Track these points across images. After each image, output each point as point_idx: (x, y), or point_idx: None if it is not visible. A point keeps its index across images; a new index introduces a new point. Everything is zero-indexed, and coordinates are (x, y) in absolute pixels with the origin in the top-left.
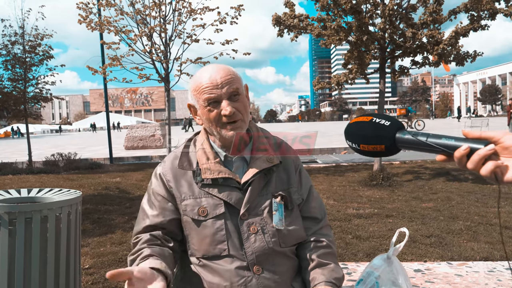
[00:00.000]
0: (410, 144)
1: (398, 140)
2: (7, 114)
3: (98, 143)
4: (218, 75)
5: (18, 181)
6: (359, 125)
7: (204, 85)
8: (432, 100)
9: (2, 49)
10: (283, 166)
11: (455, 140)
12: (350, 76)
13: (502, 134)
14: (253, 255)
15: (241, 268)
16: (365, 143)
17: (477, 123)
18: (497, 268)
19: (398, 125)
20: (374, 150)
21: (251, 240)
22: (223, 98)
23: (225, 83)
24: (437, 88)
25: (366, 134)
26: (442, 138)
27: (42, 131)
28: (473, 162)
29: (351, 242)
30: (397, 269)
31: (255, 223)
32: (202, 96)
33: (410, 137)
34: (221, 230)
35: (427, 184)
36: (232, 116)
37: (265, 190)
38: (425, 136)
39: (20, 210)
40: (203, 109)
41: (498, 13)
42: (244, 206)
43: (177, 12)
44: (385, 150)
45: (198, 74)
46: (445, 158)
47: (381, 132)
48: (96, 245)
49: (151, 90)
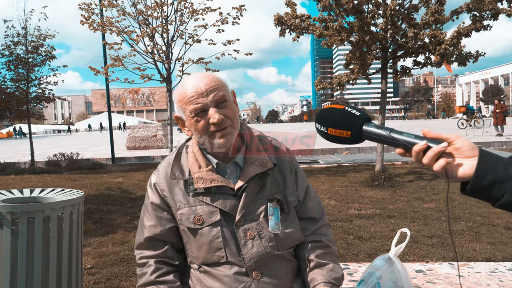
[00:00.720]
0: (374, 135)
1: (364, 130)
2: (10, 114)
3: (100, 143)
4: (202, 83)
5: (21, 181)
6: (332, 110)
7: (189, 94)
8: (434, 101)
9: (5, 49)
10: (278, 168)
11: (415, 137)
12: (352, 76)
13: (456, 136)
14: (251, 260)
15: (240, 274)
16: (333, 127)
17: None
18: (499, 269)
19: (367, 117)
20: (340, 136)
21: (248, 246)
22: (210, 106)
23: (210, 91)
24: (439, 89)
25: (336, 118)
26: (403, 134)
27: (45, 131)
28: (428, 157)
29: (352, 242)
30: (399, 269)
31: (251, 229)
32: (188, 107)
33: (375, 129)
34: (217, 237)
35: (429, 185)
36: (220, 123)
37: (260, 194)
38: (388, 130)
39: (23, 210)
40: (191, 120)
41: (501, 13)
42: (239, 212)
43: (179, 12)
44: (350, 137)
45: (181, 84)
46: (404, 151)
47: (350, 119)
48: (98, 245)
49: (153, 91)
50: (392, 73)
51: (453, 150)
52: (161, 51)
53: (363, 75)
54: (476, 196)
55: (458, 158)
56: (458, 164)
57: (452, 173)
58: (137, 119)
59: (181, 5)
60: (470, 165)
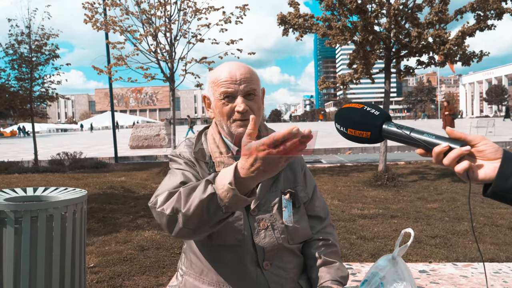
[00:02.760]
0: (394, 135)
1: (384, 130)
2: (14, 113)
3: (103, 142)
4: (238, 71)
5: (24, 180)
6: (350, 110)
7: (223, 78)
8: (438, 101)
9: (8, 48)
10: (289, 165)
11: (436, 137)
12: (355, 76)
13: (481, 138)
14: (263, 250)
15: (251, 262)
16: (353, 128)
17: (483, 123)
18: (503, 270)
19: (386, 116)
20: (360, 136)
21: (261, 235)
22: (239, 95)
23: (243, 81)
24: (443, 88)
25: (355, 119)
26: (424, 134)
27: (48, 130)
28: (449, 158)
29: (355, 242)
30: (402, 270)
31: (265, 219)
32: (219, 89)
33: (395, 129)
34: (239, 219)
35: (432, 185)
36: (245, 113)
37: (274, 187)
38: (409, 130)
39: (26, 209)
40: (218, 102)
41: (505, 12)
42: (254, 202)
43: (182, 11)
44: (370, 137)
45: (218, 68)
46: (424, 152)
47: (369, 119)
48: (101, 244)
49: (156, 90)
50: (396, 73)
51: (476, 152)
52: (164, 50)
53: (366, 75)
54: (498, 199)
55: (481, 160)
56: (480, 166)
57: (474, 175)
58: (140, 118)
59: (184, 4)
60: (492, 168)
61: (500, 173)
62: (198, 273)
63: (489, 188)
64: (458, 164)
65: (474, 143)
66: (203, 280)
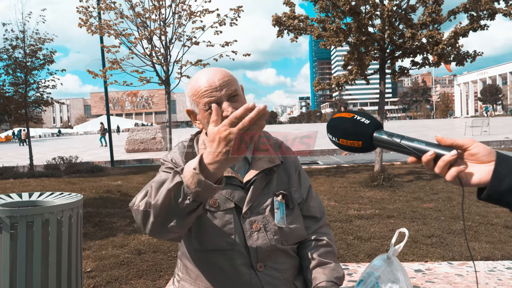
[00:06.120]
0: (385, 144)
1: (374, 139)
2: (8, 118)
3: (99, 147)
4: (215, 78)
5: (20, 185)
6: (340, 120)
7: (203, 88)
8: (433, 101)
9: (3, 53)
10: (283, 166)
11: (426, 144)
12: (350, 77)
13: (471, 142)
14: (256, 252)
15: (244, 265)
16: (344, 138)
17: (478, 123)
18: (498, 268)
19: (377, 124)
20: (352, 146)
21: (254, 237)
22: (223, 100)
23: (223, 85)
24: (438, 88)
25: (346, 129)
26: (414, 141)
27: (44, 134)
28: (439, 167)
29: (352, 243)
30: (397, 269)
31: (257, 221)
32: (202, 100)
33: (386, 137)
34: (230, 223)
35: (428, 185)
36: None
37: (266, 189)
38: (400, 138)
39: (22, 214)
40: (204, 113)
41: (497, 12)
42: (247, 204)
43: (177, 14)
44: (362, 146)
45: (195, 78)
46: (416, 160)
47: (360, 129)
48: (97, 248)
49: (151, 93)
50: (390, 74)
51: (469, 156)
52: (159, 53)
53: (361, 76)
54: (493, 202)
55: (474, 164)
56: (473, 170)
57: (467, 180)
58: (137, 121)
59: (179, 7)
60: (486, 171)
61: (494, 176)
62: (194, 278)
63: (484, 192)
64: (448, 172)
65: (466, 147)
66: (198, 285)
